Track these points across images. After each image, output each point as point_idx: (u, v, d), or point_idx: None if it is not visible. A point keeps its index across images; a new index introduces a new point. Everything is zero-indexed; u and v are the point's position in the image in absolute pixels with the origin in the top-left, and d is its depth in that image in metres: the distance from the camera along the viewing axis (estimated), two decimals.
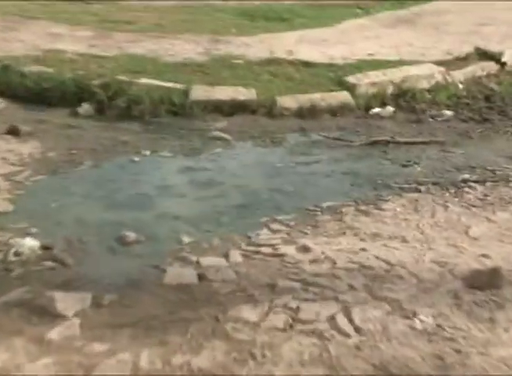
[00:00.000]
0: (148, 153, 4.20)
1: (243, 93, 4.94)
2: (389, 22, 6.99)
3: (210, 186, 3.74)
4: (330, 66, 5.47)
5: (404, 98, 5.08)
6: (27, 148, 4.19)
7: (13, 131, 4.35)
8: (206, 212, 3.41)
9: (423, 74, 5.26)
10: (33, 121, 4.66)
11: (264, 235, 3.11)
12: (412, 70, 5.30)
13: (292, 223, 3.21)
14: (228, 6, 8.41)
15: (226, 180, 3.83)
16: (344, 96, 4.99)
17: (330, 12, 8.23)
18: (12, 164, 3.93)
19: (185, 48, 6.03)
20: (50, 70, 5.27)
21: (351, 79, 5.15)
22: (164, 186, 3.73)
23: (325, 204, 3.45)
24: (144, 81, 5.07)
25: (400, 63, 5.53)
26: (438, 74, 5.30)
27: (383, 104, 5.03)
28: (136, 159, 4.10)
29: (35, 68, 5.31)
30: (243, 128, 4.64)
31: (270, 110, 4.83)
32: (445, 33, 6.53)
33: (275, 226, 3.20)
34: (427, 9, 7.57)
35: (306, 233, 3.10)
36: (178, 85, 5.02)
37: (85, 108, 4.89)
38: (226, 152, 4.28)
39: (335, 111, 4.89)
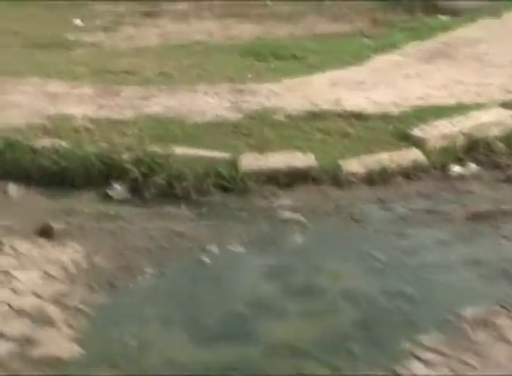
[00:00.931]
0: (216, 249, 3.52)
1: (300, 159, 4.31)
2: (421, 56, 6.45)
3: (311, 294, 3.12)
4: (385, 116, 4.89)
5: (478, 151, 4.50)
6: (67, 254, 3.50)
7: (46, 232, 3.62)
8: (325, 338, 2.76)
9: (494, 121, 4.69)
10: (61, 213, 3.96)
11: (417, 370, 2.48)
12: (482, 117, 4.74)
13: (444, 349, 2.59)
14: (226, 44, 7.78)
15: (326, 283, 3.20)
16: (414, 154, 4.41)
17: (339, 44, 7.67)
18: (57, 280, 3.22)
19: (209, 103, 5.37)
20: (66, 143, 4.54)
21: (416, 132, 4.57)
22: (255, 299, 3.08)
23: (466, 312, 2.85)
24: (180, 151, 4.40)
25: (461, 107, 4.98)
26: (510, 118, 4.74)
27: (457, 160, 4.45)
28: (205, 260, 3.42)
29: (47, 142, 4.59)
30: (312, 203, 4.01)
31: (335, 178, 4.21)
32: (490, 66, 6.03)
33: (424, 355, 2.58)
34: (456, 38, 7.06)
35: (473, 367, 2.47)
36: (221, 154, 4.36)
37: (118, 190, 4.19)
38: (306, 239, 3.65)
39: (408, 173, 4.30)
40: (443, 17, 9.10)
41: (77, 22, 9.99)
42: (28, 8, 11.02)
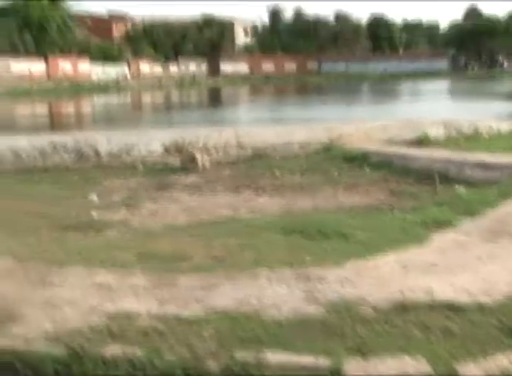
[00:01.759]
0: None
1: (411, 365, 3.79)
2: (484, 235, 6.16)
3: None
4: (481, 308, 4.45)
5: None
6: None
7: None
8: None
9: None
10: None
11: None
12: None
13: None
14: (262, 222, 7.46)
15: None
16: None
17: (378, 219, 7.44)
18: None
19: (280, 293, 4.92)
20: (138, 350, 3.98)
21: None
22: None
23: None
24: (273, 358, 3.86)
25: None
26: None
27: None
28: None
29: (117, 349, 4.03)
30: None
31: None
32: None
33: None
34: (506, 214, 6.83)
35: None
36: (321, 360, 3.83)
37: None
38: None
39: None
40: (461, 189, 9.03)
41: (93, 198, 9.75)
42: (41, 186, 10.82)
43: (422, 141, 13.26)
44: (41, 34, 66.43)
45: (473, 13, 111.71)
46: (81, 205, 9.03)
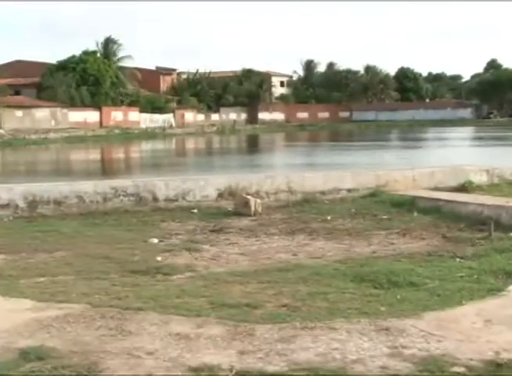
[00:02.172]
0: None
1: None
2: None
3: None
4: None
5: None
6: None
7: None
8: None
9: None
10: None
11: None
12: None
13: None
14: (330, 269, 6.99)
15: None
16: None
17: (444, 267, 6.97)
18: None
19: (362, 347, 4.49)
20: None
21: None
22: None
23: None
24: None
25: None
26: None
27: None
28: None
29: None
30: None
31: None
32: None
33: None
34: None
35: None
36: None
37: None
38: None
39: None
40: None
41: (154, 241, 9.45)
42: (104, 228, 10.56)
43: (466, 187, 12.73)
44: (96, 88, 68.07)
45: (493, 65, 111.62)
46: (145, 248, 8.70)
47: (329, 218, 10.88)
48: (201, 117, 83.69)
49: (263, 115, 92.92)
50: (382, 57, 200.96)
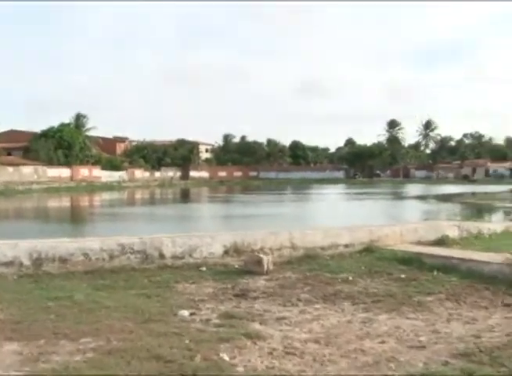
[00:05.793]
0: None
1: None
2: None
3: None
4: None
5: None
6: None
7: None
8: None
9: None
10: None
11: None
12: None
13: None
14: None
15: None
16: None
17: None
18: None
19: None
20: None
21: None
22: None
23: None
24: None
25: None
26: None
27: None
28: None
29: None
30: None
31: None
32: None
33: None
34: None
35: None
36: None
37: None
38: None
39: None
40: None
41: (185, 314, 5.94)
42: (116, 293, 6.88)
43: (444, 241, 10.10)
44: (69, 151, 67.74)
45: (350, 142, 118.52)
46: (186, 330, 5.21)
47: (350, 278, 7.77)
48: (147, 174, 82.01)
49: (193, 173, 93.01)
50: (281, 133, 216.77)
